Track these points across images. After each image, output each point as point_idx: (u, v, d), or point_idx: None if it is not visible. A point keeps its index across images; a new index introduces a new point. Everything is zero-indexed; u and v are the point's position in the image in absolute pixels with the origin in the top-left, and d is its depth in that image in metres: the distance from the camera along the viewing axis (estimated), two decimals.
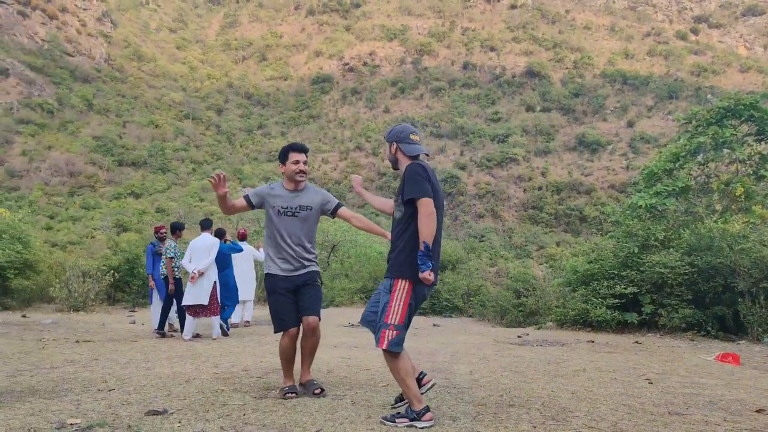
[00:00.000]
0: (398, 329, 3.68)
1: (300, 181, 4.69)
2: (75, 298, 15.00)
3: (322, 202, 4.74)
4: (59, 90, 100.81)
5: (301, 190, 4.72)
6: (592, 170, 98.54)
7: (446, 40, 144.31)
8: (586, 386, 5.17)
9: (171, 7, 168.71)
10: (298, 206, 4.64)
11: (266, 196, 4.70)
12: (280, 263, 4.64)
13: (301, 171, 4.63)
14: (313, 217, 4.72)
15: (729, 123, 14.87)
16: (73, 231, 57.57)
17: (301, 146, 4.71)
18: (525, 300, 14.61)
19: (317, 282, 4.72)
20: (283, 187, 4.73)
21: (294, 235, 4.64)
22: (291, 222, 4.62)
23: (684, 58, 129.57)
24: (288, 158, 4.65)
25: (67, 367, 5.80)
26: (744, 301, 10.00)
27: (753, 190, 14.25)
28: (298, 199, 4.67)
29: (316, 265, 4.79)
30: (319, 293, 4.72)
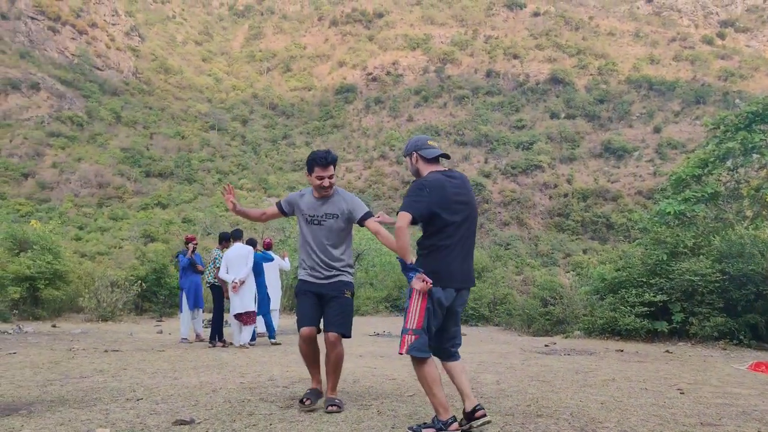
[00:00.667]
0: (417, 333, 3.63)
1: (324, 195, 4.53)
2: (103, 308, 15.19)
3: (349, 211, 4.52)
4: (89, 103, 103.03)
5: (328, 198, 4.55)
6: (619, 177, 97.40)
7: (469, 48, 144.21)
8: (616, 396, 5.10)
9: (197, 20, 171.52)
10: (324, 214, 4.50)
11: (296, 203, 4.64)
12: (308, 270, 4.56)
13: (324, 187, 4.46)
14: (340, 226, 4.52)
15: (758, 128, 14.60)
16: (101, 241, 58.56)
17: (325, 159, 4.43)
18: (552, 308, 14.47)
19: (344, 293, 4.48)
20: (311, 195, 4.60)
21: (321, 243, 4.52)
22: (317, 230, 4.51)
23: (711, 62, 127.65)
24: (312, 172, 4.48)
25: (96, 376, 5.86)
26: None
27: None
28: (324, 207, 4.52)
29: (347, 274, 4.58)
30: (346, 306, 4.46)
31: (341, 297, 4.44)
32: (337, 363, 4.43)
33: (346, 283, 4.54)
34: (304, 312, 4.47)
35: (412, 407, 4.44)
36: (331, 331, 4.33)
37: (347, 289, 4.52)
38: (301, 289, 4.57)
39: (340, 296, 4.44)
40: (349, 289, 4.53)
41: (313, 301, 4.47)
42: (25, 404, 4.33)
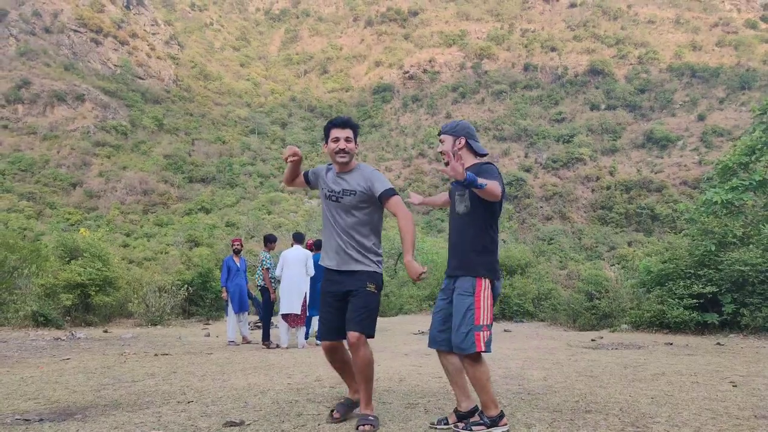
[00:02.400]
0: (489, 329, 3.64)
1: (342, 162, 3.98)
2: (152, 312, 15.49)
3: (367, 187, 3.94)
4: (132, 112, 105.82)
5: (348, 171, 4.04)
6: (663, 167, 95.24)
7: (506, 42, 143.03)
8: (666, 390, 5.03)
9: (234, 26, 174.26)
10: (342, 190, 3.97)
11: (321, 175, 4.17)
12: (328, 254, 4.09)
13: (341, 150, 3.93)
14: (360, 204, 3.95)
15: None
16: (148, 247, 59.93)
17: (342, 120, 4.02)
18: (598, 302, 14.28)
19: (366, 287, 3.86)
20: (332, 170, 4.14)
21: (340, 224, 4.00)
22: (337, 208, 4.01)
23: (755, 47, 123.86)
24: (329, 136, 4.02)
25: (148, 380, 5.95)
26: None
27: None
28: (343, 182, 4.00)
29: (372, 263, 3.97)
30: (369, 301, 3.85)
31: (363, 290, 3.86)
32: (365, 370, 3.83)
33: (370, 274, 3.93)
34: (324, 320, 4.04)
35: None
36: (350, 330, 3.79)
37: (371, 282, 3.90)
38: (324, 289, 4.09)
39: (362, 290, 3.86)
40: (373, 282, 3.91)
41: (335, 305, 3.97)
42: (80, 409, 4.43)
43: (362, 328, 3.76)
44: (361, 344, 3.75)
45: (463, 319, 3.61)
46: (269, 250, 10.44)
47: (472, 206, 3.70)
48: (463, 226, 3.75)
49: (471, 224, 3.71)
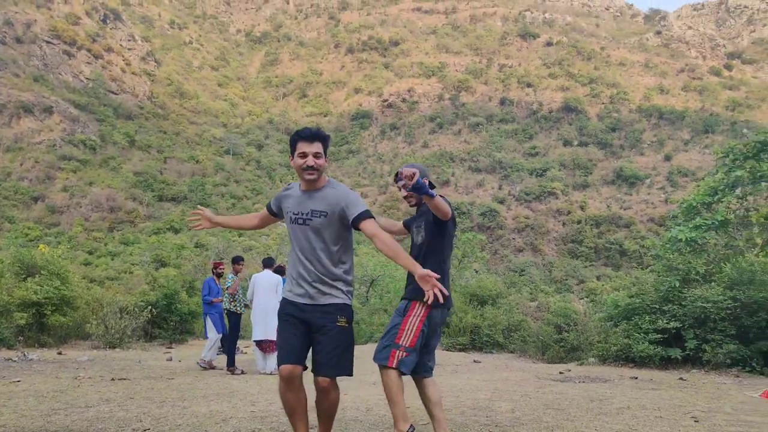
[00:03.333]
0: (408, 351, 3.71)
1: (311, 180, 3.54)
2: (111, 334, 14.66)
3: (341, 207, 3.50)
4: (102, 127, 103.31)
5: (317, 189, 3.60)
6: (631, 204, 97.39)
7: (483, 76, 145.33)
8: (631, 425, 5.09)
9: (213, 46, 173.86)
10: (309, 211, 3.53)
11: (282, 199, 3.74)
12: (291, 285, 3.62)
13: (310, 168, 3.50)
14: (333, 227, 3.52)
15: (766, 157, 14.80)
16: (111, 266, 57.99)
17: (310, 133, 3.55)
18: (566, 335, 14.45)
19: (338, 322, 3.47)
20: (299, 188, 3.69)
21: (308, 249, 3.54)
22: (304, 232, 3.54)
23: (718, 93, 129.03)
24: (295, 149, 3.58)
25: (102, 406, 5.72)
26: None
27: None
28: (310, 202, 3.56)
29: (342, 294, 3.54)
30: (342, 339, 3.47)
31: (333, 327, 3.45)
32: (331, 411, 3.59)
33: (340, 307, 3.50)
34: (284, 342, 3.51)
35: None
36: (321, 374, 3.41)
37: (342, 315, 3.49)
38: (283, 311, 3.61)
39: (331, 326, 3.45)
40: (344, 316, 3.50)
41: (298, 328, 3.50)
42: None
43: (335, 372, 3.42)
44: (332, 388, 3.45)
45: (387, 334, 3.81)
46: (236, 272, 10.25)
47: (429, 237, 3.89)
48: (420, 256, 3.89)
49: (428, 254, 3.88)
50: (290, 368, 3.42)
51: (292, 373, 3.41)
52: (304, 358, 3.49)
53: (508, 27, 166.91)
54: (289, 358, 3.44)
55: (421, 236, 3.92)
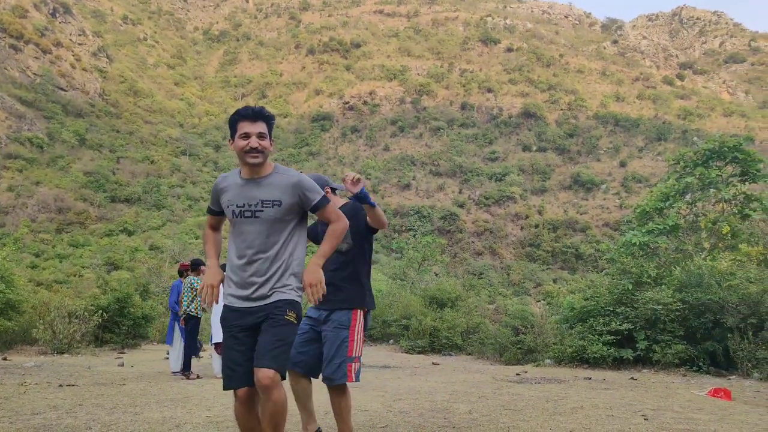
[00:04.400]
0: (360, 360, 3.79)
1: (255, 164, 3.13)
2: (60, 339, 14.16)
3: (298, 194, 3.17)
4: (50, 125, 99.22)
5: (264, 176, 3.18)
6: (587, 209, 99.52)
7: (445, 80, 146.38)
8: (584, 424, 5.21)
9: (169, 43, 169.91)
10: (259, 201, 3.12)
11: (219, 192, 3.28)
12: (235, 288, 3.18)
13: (253, 149, 3.10)
14: (286, 218, 3.15)
15: (714, 164, 15.46)
16: (60, 269, 55.90)
17: (253, 111, 3.16)
18: (523, 337, 14.63)
19: (283, 314, 3.09)
20: (238, 176, 3.23)
21: (257, 245, 3.12)
22: (251, 226, 3.12)
23: (671, 102, 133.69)
24: (236, 130, 3.17)
25: (50, 413, 5.53)
26: (733, 336, 10.22)
27: (738, 229, 14.69)
28: (259, 191, 3.14)
29: (292, 290, 3.18)
30: (287, 333, 3.08)
31: (280, 319, 3.08)
32: (277, 417, 3.03)
33: (289, 302, 3.14)
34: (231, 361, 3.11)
35: None
36: (263, 366, 2.97)
37: (291, 311, 3.13)
38: (226, 322, 3.19)
39: (279, 318, 3.08)
40: (293, 310, 3.13)
41: (246, 342, 3.11)
42: None
43: (278, 363, 2.99)
44: (275, 385, 2.96)
45: (337, 351, 3.73)
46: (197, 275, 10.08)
47: (354, 243, 3.89)
48: (344, 262, 3.88)
49: (352, 260, 3.89)
50: (247, 390, 3.07)
51: (248, 394, 3.08)
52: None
53: (470, 32, 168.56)
54: (241, 381, 3.07)
55: (347, 242, 3.85)
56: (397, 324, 20.30)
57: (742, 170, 15.35)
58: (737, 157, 15.18)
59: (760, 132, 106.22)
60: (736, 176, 15.59)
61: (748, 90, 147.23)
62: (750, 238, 14.61)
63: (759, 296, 10.32)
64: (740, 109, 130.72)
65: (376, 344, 21.06)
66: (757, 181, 15.27)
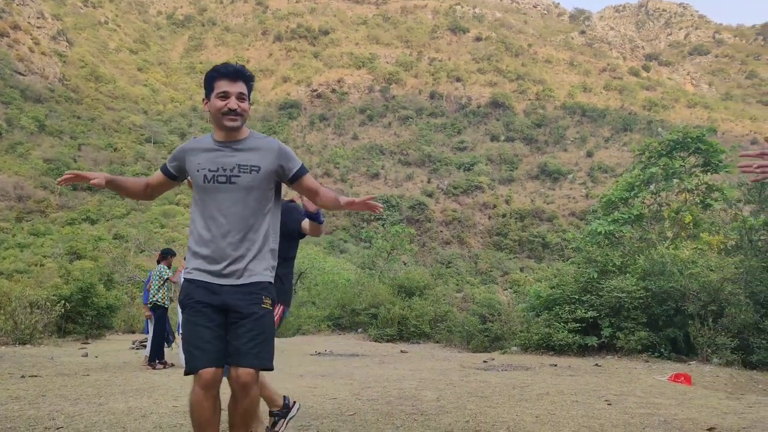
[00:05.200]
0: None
1: (233, 128, 2.87)
2: (21, 330, 13.97)
3: (278, 161, 2.92)
4: (8, 110, 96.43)
5: (240, 140, 2.91)
6: (554, 198, 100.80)
7: (414, 69, 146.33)
8: (549, 410, 5.25)
9: (132, 27, 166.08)
10: (236, 166, 2.83)
11: (187, 154, 2.96)
12: (201, 262, 2.84)
13: (232, 111, 2.84)
14: (263, 186, 2.88)
15: (678, 155, 15.71)
16: (20, 259, 54.51)
17: (234, 69, 2.93)
18: (490, 325, 14.75)
19: (259, 303, 2.79)
20: (212, 140, 2.94)
21: (233, 214, 2.81)
22: (225, 194, 2.83)
23: (637, 93, 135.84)
24: (213, 89, 2.91)
25: (11, 404, 5.44)
26: (694, 323, 10.44)
27: (700, 218, 14.98)
28: (235, 156, 2.86)
29: (266, 270, 2.89)
30: (266, 326, 2.81)
31: (257, 309, 2.78)
32: (247, 415, 2.83)
33: (263, 285, 2.84)
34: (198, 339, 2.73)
35: (353, 426, 4.45)
36: (244, 365, 2.71)
37: (266, 296, 2.83)
38: (189, 297, 2.82)
39: (257, 308, 2.78)
40: (268, 296, 2.85)
41: (213, 318, 2.77)
42: None
43: (261, 362, 2.76)
44: (254, 383, 2.75)
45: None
46: (168, 266, 10.00)
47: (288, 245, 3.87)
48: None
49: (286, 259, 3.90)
50: (212, 372, 2.69)
51: (214, 376, 2.70)
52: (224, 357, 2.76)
53: (439, 20, 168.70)
54: (209, 360, 2.69)
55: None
56: (365, 313, 20.34)
57: (704, 161, 15.65)
58: (700, 148, 15.47)
59: (722, 123, 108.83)
60: (698, 167, 15.88)
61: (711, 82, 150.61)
62: (711, 228, 14.90)
63: (719, 284, 10.55)
64: (703, 100, 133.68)
65: (345, 333, 21.14)
66: (718, 172, 15.59)
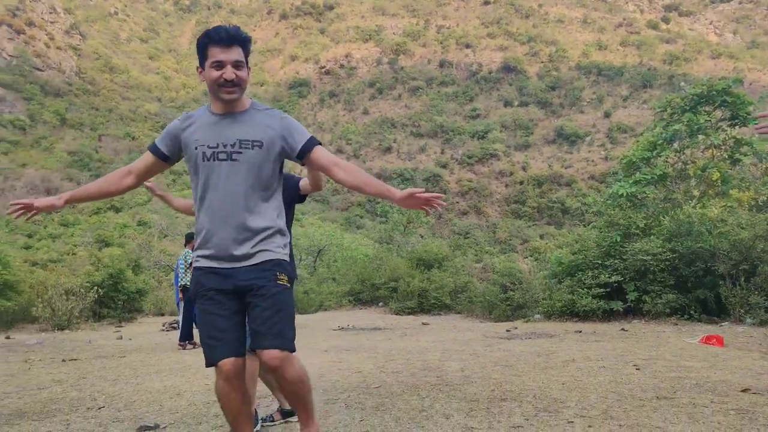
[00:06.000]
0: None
1: (231, 100, 2.59)
2: (59, 316, 14.82)
3: (282, 135, 2.64)
4: (31, 106, 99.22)
5: (240, 112, 2.65)
6: (572, 162, 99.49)
7: (421, 38, 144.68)
8: (576, 376, 5.21)
9: (141, 16, 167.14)
10: (236, 141, 2.57)
11: (182, 131, 2.67)
12: (207, 248, 2.65)
13: (228, 82, 2.55)
14: (268, 162, 2.62)
15: (703, 109, 15.15)
16: (53, 249, 56.43)
17: (227, 34, 2.58)
18: (512, 294, 14.71)
19: (278, 279, 2.62)
20: (208, 112, 2.69)
21: (233, 195, 2.58)
22: (229, 170, 2.57)
23: (656, 47, 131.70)
24: (206, 57, 2.59)
25: (55, 387, 5.67)
26: (725, 283, 10.20)
27: (729, 175, 14.53)
28: (235, 129, 2.60)
29: (279, 248, 2.69)
30: (283, 302, 2.61)
31: (272, 287, 2.59)
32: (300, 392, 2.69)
33: (277, 262, 2.65)
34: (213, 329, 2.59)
35: (379, 399, 4.44)
36: (265, 346, 2.54)
37: (281, 272, 2.65)
38: (201, 286, 2.65)
39: (271, 286, 2.59)
40: (283, 272, 2.66)
41: (228, 306, 2.61)
42: None
43: (283, 341, 2.55)
44: (287, 363, 2.56)
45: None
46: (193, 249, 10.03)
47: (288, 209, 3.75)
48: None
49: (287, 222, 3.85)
50: (233, 362, 2.54)
51: (235, 366, 2.55)
52: (244, 344, 2.64)
53: None
54: (226, 349, 2.55)
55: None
56: (385, 287, 20.44)
57: (731, 114, 15.05)
58: (726, 101, 14.86)
59: (749, 73, 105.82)
60: (725, 120, 15.29)
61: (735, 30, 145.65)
62: (740, 184, 14.50)
63: (750, 242, 10.24)
64: (728, 50, 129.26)
65: (366, 307, 21.46)
66: (747, 125, 14.99)
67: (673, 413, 3.71)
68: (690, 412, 3.71)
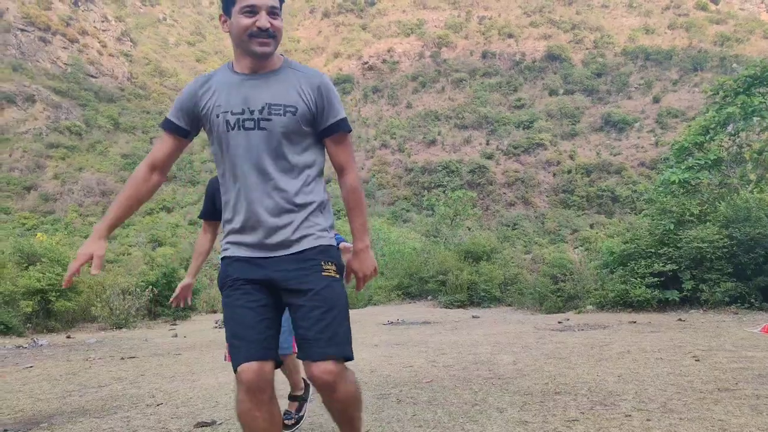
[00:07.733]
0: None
1: (263, 54, 2.13)
2: (117, 315, 15.19)
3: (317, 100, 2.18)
4: (86, 112, 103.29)
5: (270, 71, 2.19)
6: (621, 149, 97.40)
7: (463, 30, 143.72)
8: (632, 368, 5.11)
9: (188, 21, 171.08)
10: (265, 105, 2.10)
11: (200, 97, 2.21)
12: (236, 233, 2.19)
13: (262, 31, 2.09)
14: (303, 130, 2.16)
15: (757, 91, 14.57)
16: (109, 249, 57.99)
17: None
18: (563, 285, 14.49)
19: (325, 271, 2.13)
20: (230, 71, 2.25)
21: (262, 167, 2.12)
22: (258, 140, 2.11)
23: (706, 28, 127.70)
24: (234, 3, 2.12)
25: (115, 384, 5.80)
26: None
27: None
28: (264, 90, 2.14)
29: (324, 232, 2.20)
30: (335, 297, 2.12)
31: (321, 280, 2.11)
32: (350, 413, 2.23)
33: (321, 249, 2.17)
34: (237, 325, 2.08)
35: (431, 393, 4.42)
36: (316, 358, 2.06)
37: (326, 261, 2.16)
38: (226, 276, 2.19)
39: (317, 279, 2.11)
40: (330, 261, 2.17)
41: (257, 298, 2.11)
42: (46, 417, 4.31)
43: (338, 347, 2.09)
44: (340, 379, 2.09)
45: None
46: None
47: None
48: None
49: None
50: (256, 368, 2.00)
51: (259, 375, 2.00)
52: (275, 347, 2.10)
53: None
54: (250, 350, 2.02)
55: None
56: (433, 280, 20.39)
57: None
58: None
59: None
60: None
61: None
62: None
63: None
64: None
65: (415, 301, 21.43)
66: None
67: (735, 405, 3.60)
68: (753, 404, 3.60)
